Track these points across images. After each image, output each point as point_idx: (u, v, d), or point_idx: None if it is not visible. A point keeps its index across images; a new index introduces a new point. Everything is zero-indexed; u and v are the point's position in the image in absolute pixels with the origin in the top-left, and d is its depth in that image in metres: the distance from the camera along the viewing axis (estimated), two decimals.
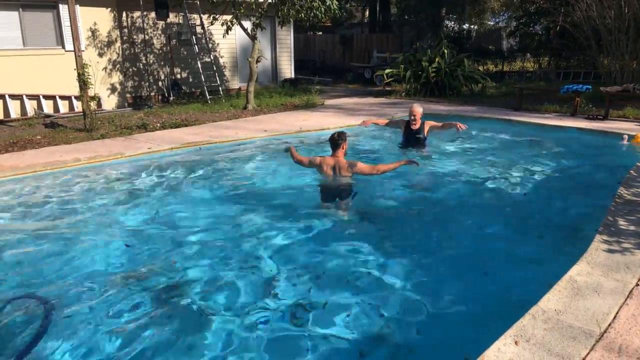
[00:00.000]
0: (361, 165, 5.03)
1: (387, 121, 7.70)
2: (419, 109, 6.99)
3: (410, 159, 5.16)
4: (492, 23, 27.13)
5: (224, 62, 15.07)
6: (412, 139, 7.01)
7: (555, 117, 9.79)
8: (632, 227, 3.87)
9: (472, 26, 25.90)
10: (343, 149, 5.11)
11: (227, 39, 12.97)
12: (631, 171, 5.49)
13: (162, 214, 4.88)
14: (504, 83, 16.55)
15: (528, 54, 22.15)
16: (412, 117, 6.92)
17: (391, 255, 3.94)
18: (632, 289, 2.92)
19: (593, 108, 10.08)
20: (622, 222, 3.97)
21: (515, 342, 2.41)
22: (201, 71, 12.99)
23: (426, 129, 7.01)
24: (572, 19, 13.23)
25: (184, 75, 14.07)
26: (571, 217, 4.83)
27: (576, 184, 5.91)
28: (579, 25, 12.90)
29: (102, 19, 11.50)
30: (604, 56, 13.27)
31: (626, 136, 7.64)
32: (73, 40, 8.42)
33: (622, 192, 4.72)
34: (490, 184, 5.82)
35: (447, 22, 24.72)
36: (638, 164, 5.82)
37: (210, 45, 14.11)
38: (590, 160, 7.03)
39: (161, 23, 13.21)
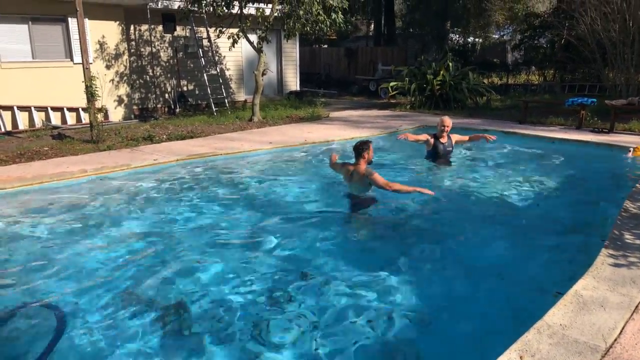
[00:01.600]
0: (376, 177, 5.01)
1: (426, 137, 7.02)
2: (450, 121, 6.86)
3: (426, 189, 5.01)
4: (496, 36, 27.23)
5: (230, 75, 15.20)
6: (441, 151, 6.88)
7: (561, 130, 9.78)
8: (638, 241, 3.85)
9: (476, 39, 26.02)
10: (365, 157, 5.13)
11: (233, 51, 13.09)
12: (638, 185, 5.46)
13: (169, 224, 4.90)
14: (508, 96, 16.56)
15: (533, 67, 22.19)
16: (444, 128, 6.76)
17: (401, 264, 3.96)
18: (639, 303, 2.89)
19: (598, 121, 10.06)
20: (628, 236, 3.95)
21: (520, 357, 2.39)
22: (207, 83, 13.10)
23: (453, 141, 6.97)
24: (577, 32, 13.28)
25: (191, 87, 14.19)
26: (577, 230, 4.80)
27: (582, 198, 5.89)
28: (584, 39, 12.94)
29: (110, 32, 11.65)
30: (609, 69, 13.29)
31: (632, 149, 7.63)
32: (81, 53, 8.52)
33: (628, 206, 4.70)
34: (496, 197, 5.81)
35: (451, 35, 24.86)
36: None
37: (216, 58, 14.24)
38: (596, 174, 7.01)
39: (168, 36, 13.37)
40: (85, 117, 10.70)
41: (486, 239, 4.65)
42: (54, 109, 10.76)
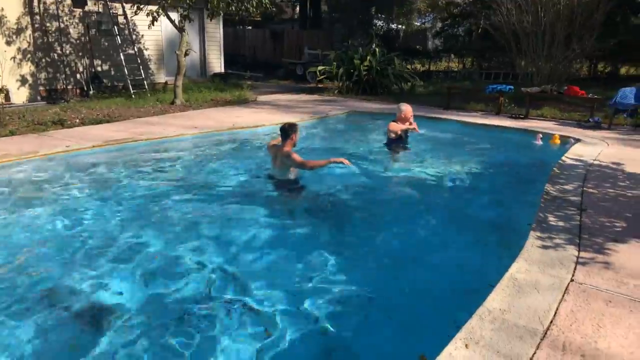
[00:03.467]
0: (294, 156, 5.10)
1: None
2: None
3: (339, 158, 5.27)
4: (418, 23, 27.97)
5: (149, 55, 14.29)
6: (405, 140, 7.03)
7: (482, 116, 10.22)
8: (561, 223, 4.03)
9: (399, 26, 26.56)
10: (292, 139, 5.20)
11: (152, 30, 12.28)
12: (554, 169, 5.77)
13: (84, 217, 4.45)
14: (431, 82, 17.09)
15: (452, 55, 23.07)
16: (410, 117, 6.91)
17: (330, 251, 3.84)
18: (568, 284, 3.01)
19: (515, 107, 10.63)
20: (551, 219, 4.13)
21: (466, 346, 2.38)
22: (124, 64, 12.22)
23: None
24: (493, 21, 13.89)
25: (105, 67, 13.17)
26: (500, 214, 4.97)
27: (503, 181, 6.14)
28: (500, 28, 13.57)
29: (9, 4, 10.45)
30: (522, 58, 14.06)
31: (540, 135, 7.98)
32: None
33: (548, 189, 4.93)
34: (420, 183, 5.86)
35: (376, 21, 25.15)
36: (560, 161, 6.15)
37: (134, 36, 13.31)
38: (517, 158, 7.32)
39: (78, 11, 12.26)
40: None
41: (412, 225, 4.66)
42: None
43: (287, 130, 5.17)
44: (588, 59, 16.11)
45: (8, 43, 10.52)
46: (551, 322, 2.62)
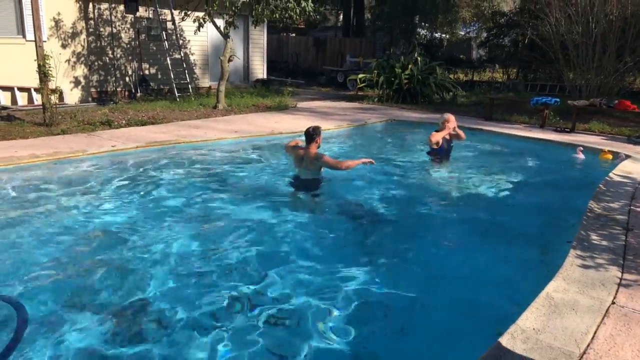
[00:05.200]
0: (327, 158, 5.24)
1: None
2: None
3: (367, 158, 5.41)
4: (463, 33, 27.52)
5: (194, 60, 14.70)
6: (448, 150, 6.95)
7: (525, 129, 9.94)
8: (604, 242, 3.87)
9: (443, 35, 26.23)
10: (317, 142, 5.33)
11: (198, 36, 12.65)
12: (600, 185, 5.54)
13: (128, 215, 4.62)
14: (474, 92, 16.76)
15: (496, 65, 22.57)
16: (455, 127, 6.84)
17: (355, 260, 3.86)
18: (609, 307, 2.88)
19: (560, 120, 10.28)
20: (594, 237, 3.97)
21: None
22: (170, 68, 12.61)
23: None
24: (541, 32, 13.50)
25: (153, 71, 13.64)
26: (539, 230, 4.82)
27: (547, 197, 5.95)
28: (548, 39, 13.18)
29: (66, 9, 11.00)
30: (570, 70, 13.59)
31: (580, 148, 7.64)
32: (34, 30, 7.98)
33: (592, 206, 4.74)
34: (459, 195, 5.78)
35: (419, 30, 24.94)
36: (606, 177, 5.90)
37: (180, 41, 13.73)
38: (560, 173, 7.09)
39: (130, 17, 12.77)
40: (37, 98, 10.09)
41: (447, 236, 4.61)
42: (4, 88, 10.09)
43: (312, 134, 5.29)
44: None
45: (63, 46, 11.06)
46: (588, 345, 2.51)
